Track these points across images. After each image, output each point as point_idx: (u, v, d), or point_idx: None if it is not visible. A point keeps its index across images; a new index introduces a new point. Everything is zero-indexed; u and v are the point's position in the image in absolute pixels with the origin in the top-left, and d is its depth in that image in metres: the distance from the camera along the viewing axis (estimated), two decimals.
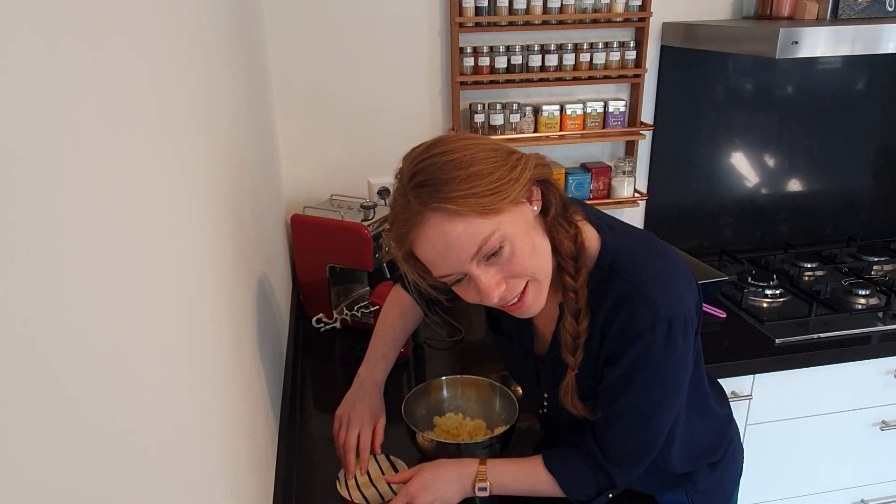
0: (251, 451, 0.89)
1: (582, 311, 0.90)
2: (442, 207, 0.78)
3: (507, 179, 0.80)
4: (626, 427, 0.95)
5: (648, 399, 0.92)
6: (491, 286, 0.83)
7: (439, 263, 0.83)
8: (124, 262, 0.46)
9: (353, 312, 1.63)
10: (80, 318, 0.38)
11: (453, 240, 0.80)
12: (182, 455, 0.57)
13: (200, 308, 0.68)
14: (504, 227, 0.80)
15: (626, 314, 0.87)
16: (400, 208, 0.83)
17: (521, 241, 0.82)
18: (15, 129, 0.32)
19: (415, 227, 0.81)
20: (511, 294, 0.86)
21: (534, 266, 0.85)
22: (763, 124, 2.04)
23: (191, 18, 0.77)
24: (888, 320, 1.68)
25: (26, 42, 0.34)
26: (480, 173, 0.79)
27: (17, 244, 0.32)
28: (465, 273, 0.83)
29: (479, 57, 1.76)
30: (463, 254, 0.81)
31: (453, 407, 1.28)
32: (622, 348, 0.88)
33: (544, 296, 0.89)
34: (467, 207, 0.78)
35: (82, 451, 0.38)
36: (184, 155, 0.67)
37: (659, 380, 0.91)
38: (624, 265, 0.89)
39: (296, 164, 1.84)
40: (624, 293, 0.87)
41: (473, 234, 0.79)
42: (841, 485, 1.81)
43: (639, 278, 0.88)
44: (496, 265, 0.83)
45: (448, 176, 0.79)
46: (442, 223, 0.79)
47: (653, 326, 0.85)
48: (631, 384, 0.90)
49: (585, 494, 1.00)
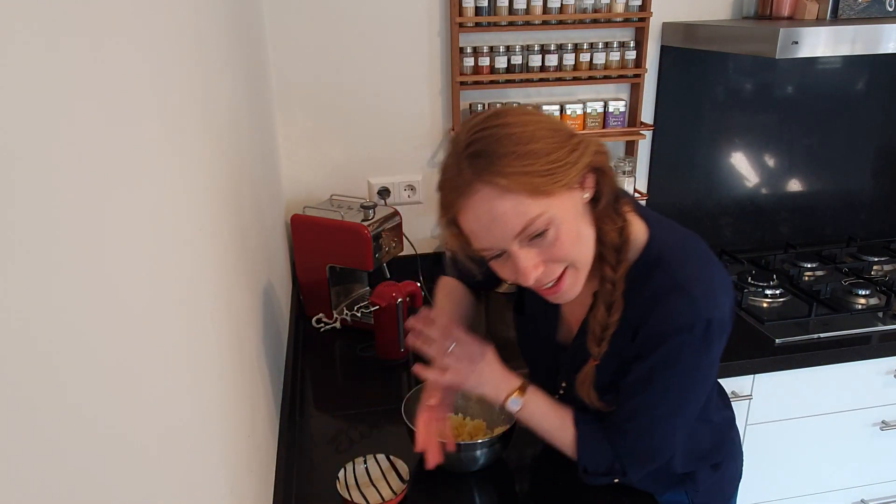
0: (251, 451, 0.89)
1: (615, 303, 0.89)
2: (493, 181, 0.77)
3: (563, 162, 0.78)
4: (645, 424, 0.94)
5: (672, 397, 0.91)
6: (529, 267, 0.82)
7: (481, 236, 0.82)
8: (124, 263, 0.46)
9: (353, 312, 1.63)
10: (79, 319, 0.38)
11: (499, 216, 0.78)
12: (182, 455, 0.57)
13: (200, 308, 0.68)
14: (552, 211, 0.79)
15: (665, 310, 0.86)
16: (451, 175, 0.82)
17: (567, 227, 0.81)
18: (15, 129, 0.32)
19: (463, 197, 0.80)
20: (547, 278, 0.85)
21: (575, 253, 0.84)
22: (763, 124, 2.04)
23: (191, 18, 0.77)
24: (888, 320, 1.68)
25: (26, 42, 0.34)
26: (538, 152, 0.77)
27: (17, 244, 0.32)
28: (506, 250, 0.83)
29: (479, 57, 1.76)
30: (507, 231, 0.80)
31: (453, 407, 1.28)
32: (656, 343, 0.87)
33: (581, 283, 0.88)
34: (519, 185, 0.76)
35: (82, 451, 0.38)
36: (184, 155, 0.67)
37: (687, 380, 0.90)
38: (669, 261, 0.88)
39: (296, 164, 1.84)
40: (666, 288, 0.86)
41: (520, 214, 0.78)
42: (841, 485, 1.81)
43: (683, 275, 0.86)
44: (538, 247, 0.82)
45: (505, 150, 0.77)
46: (491, 197, 0.78)
47: (692, 325, 0.84)
48: (657, 380, 0.90)
49: (594, 465, 0.98)
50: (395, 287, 1.53)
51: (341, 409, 1.40)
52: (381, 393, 1.46)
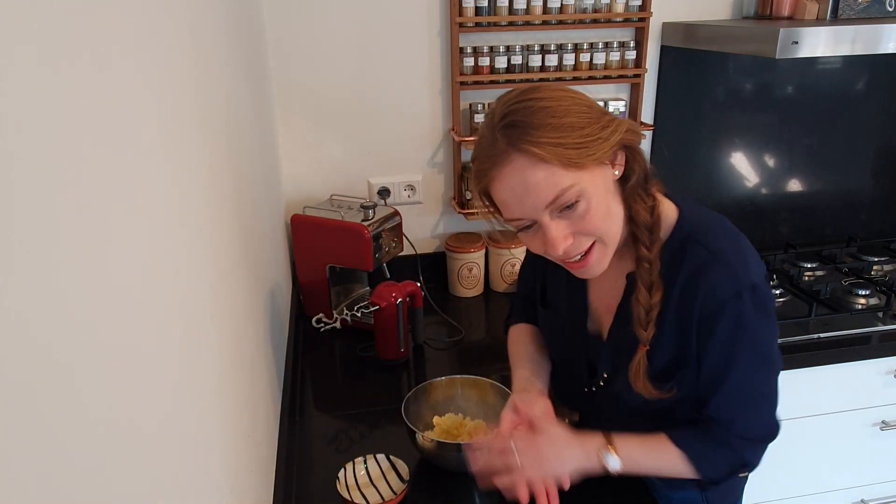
0: (251, 451, 0.89)
1: (655, 283, 0.89)
2: (528, 150, 0.79)
3: (596, 137, 0.81)
4: (746, 404, 0.93)
5: (757, 366, 0.91)
6: (558, 238, 0.84)
7: (513, 206, 0.84)
8: (124, 263, 0.46)
9: (353, 312, 1.63)
10: (79, 319, 0.38)
11: (532, 185, 0.80)
12: (182, 455, 0.57)
13: (200, 308, 0.68)
14: (583, 183, 0.81)
15: (708, 284, 0.87)
16: (486, 145, 0.84)
17: (598, 201, 0.83)
18: (14, 131, 0.32)
19: (497, 166, 0.82)
20: (576, 250, 0.86)
21: (604, 228, 0.86)
22: (763, 124, 2.04)
23: (190, 18, 0.77)
24: (888, 320, 1.68)
25: (26, 44, 0.34)
26: (572, 125, 0.80)
27: (17, 244, 0.32)
28: (536, 221, 0.84)
29: (479, 57, 1.76)
30: (539, 200, 0.81)
31: (453, 407, 1.28)
32: (712, 321, 0.87)
33: (608, 259, 0.89)
34: (553, 156, 0.79)
35: (82, 451, 0.38)
36: (183, 155, 0.67)
37: (760, 346, 0.90)
38: (700, 236, 0.90)
39: (296, 164, 1.84)
40: (702, 262, 0.88)
41: (553, 184, 0.80)
42: (841, 485, 1.81)
43: (716, 247, 0.88)
44: (568, 219, 0.84)
45: (540, 121, 0.79)
46: (525, 166, 0.80)
47: (738, 293, 0.86)
48: (734, 357, 0.89)
49: (717, 473, 0.96)
50: (395, 287, 1.53)
51: (341, 409, 1.40)
52: (381, 393, 1.46)
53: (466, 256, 1.87)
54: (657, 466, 0.97)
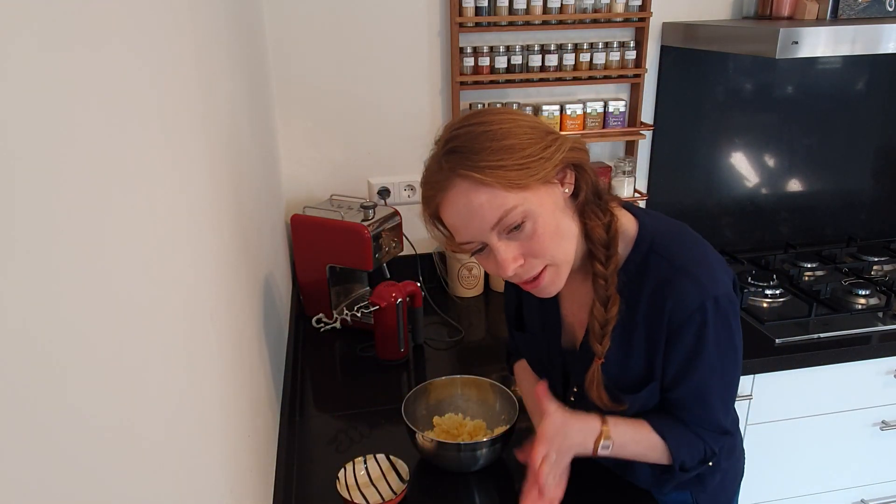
0: (251, 451, 0.89)
1: (611, 298, 0.91)
2: (469, 175, 0.80)
3: (538, 157, 0.81)
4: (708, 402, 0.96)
5: (718, 370, 0.93)
6: (507, 260, 0.85)
7: (461, 230, 0.85)
8: (124, 263, 0.46)
9: (353, 312, 1.63)
10: (79, 319, 0.38)
11: (476, 208, 0.82)
12: (182, 455, 0.57)
13: (200, 308, 0.68)
14: (528, 204, 0.82)
15: (673, 297, 0.88)
16: (431, 171, 0.86)
17: (545, 220, 0.84)
18: (15, 131, 0.32)
19: (442, 191, 0.84)
20: (527, 273, 0.87)
21: (553, 248, 0.86)
22: (763, 124, 2.04)
23: (190, 19, 0.77)
24: (888, 320, 1.68)
25: (26, 43, 0.34)
26: (512, 147, 0.81)
27: (17, 244, 0.32)
28: (486, 243, 0.85)
29: (479, 57, 1.76)
30: (484, 223, 0.82)
31: (453, 407, 1.28)
32: (677, 332, 0.90)
33: (562, 279, 0.90)
34: (494, 178, 0.80)
35: (82, 451, 0.38)
36: (183, 155, 0.67)
37: (722, 353, 0.92)
38: (663, 246, 0.91)
39: (296, 164, 1.84)
40: (665, 276, 0.89)
41: (496, 206, 0.81)
42: (841, 485, 1.81)
43: (679, 258, 0.90)
44: (516, 240, 0.85)
45: (480, 146, 0.81)
46: (467, 190, 0.81)
47: (703, 304, 0.87)
48: (696, 364, 0.92)
49: (691, 460, 0.98)
50: (395, 287, 1.53)
51: (341, 409, 1.40)
52: (381, 393, 1.46)
53: (466, 256, 1.87)
54: (640, 453, 0.99)
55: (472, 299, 1.92)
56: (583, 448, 0.96)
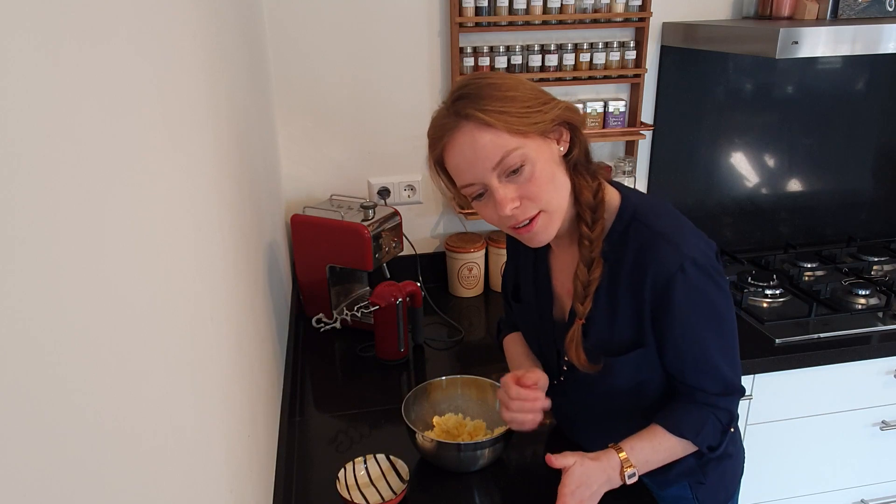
0: (251, 451, 0.89)
1: (595, 261, 0.96)
2: (475, 116, 0.88)
3: (537, 109, 0.90)
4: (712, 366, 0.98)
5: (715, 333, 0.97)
6: (506, 199, 0.90)
7: (464, 171, 0.91)
8: (124, 263, 0.46)
9: (353, 312, 1.63)
10: (79, 319, 0.38)
11: (479, 148, 0.88)
12: (182, 455, 0.57)
13: (200, 308, 0.68)
14: (528, 150, 0.89)
15: (654, 261, 0.93)
16: (439, 117, 0.93)
17: (542, 167, 0.90)
18: (16, 129, 0.32)
19: (448, 133, 0.91)
20: (523, 215, 0.92)
21: (549, 194, 0.92)
22: (763, 124, 2.04)
23: (191, 19, 0.77)
24: (888, 320, 1.68)
25: (28, 42, 0.34)
26: (515, 98, 0.89)
27: (17, 244, 0.32)
28: (486, 185, 0.91)
29: (479, 57, 1.76)
30: (486, 162, 0.89)
31: (453, 407, 1.28)
32: (664, 297, 0.94)
33: (554, 229, 0.95)
34: (498, 121, 0.87)
35: (82, 451, 0.38)
36: (184, 155, 0.67)
37: (714, 309, 0.96)
38: (644, 214, 0.97)
39: (296, 164, 1.84)
40: (646, 241, 0.94)
41: (499, 146, 0.88)
42: (841, 485, 1.81)
43: (658, 224, 0.96)
44: (515, 183, 0.90)
45: (487, 94, 0.89)
46: (472, 131, 0.88)
47: (682, 265, 0.92)
48: (693, 328, 0.95)
49: (715, 438, 1.01)
50: (395, 287, 1.53)
51: (341, 409, 1.40)
52: (381, 393, 1.46)
53: (466, 256, 1.87)
54: (664, 459, 1.01)
55: (472, 299, 1.92)
56: (610, 485, 0.98)
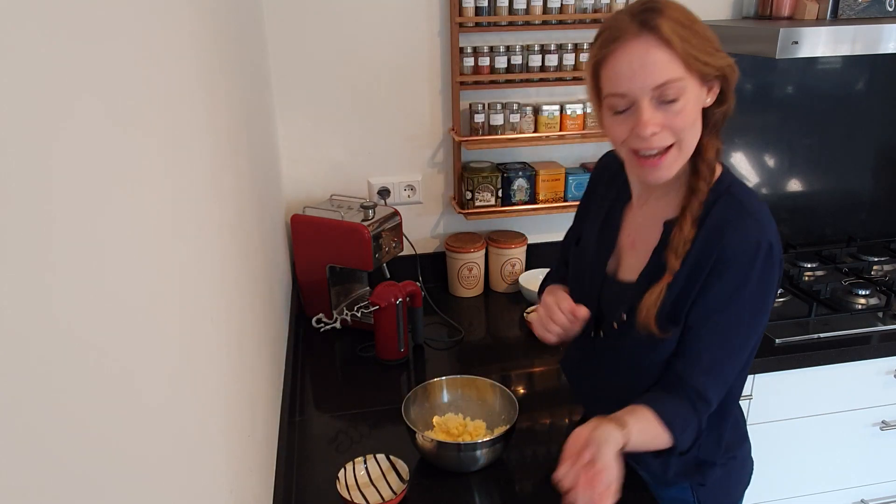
0: (251, 451, 0.89)
1: (697, 219, 0.97)
2: (661, 32, 0.87)
3: (712, 52, 0.90)
4: (720, 341, 0.97)
5: (747, 316, 0.96)
6: (650, 122, 0.90)
7: (624, 80, 0.89)
8: (123, 263, 0.46)
9: (353, 312, 1.63)
10: (79, 319, 0.38)
11: (651, 63, 0.87)
12: (182, 455, 0.57)
13: (200, 308, 0.68)
14: (688, 84, 0.89)
15: (735, 232, 0.94)
16: (617, 23, 0.90)
17: (692, 107, 0.91)
18: (14, 131, 0.32)
19: (623, 39, 0.89)
20: (658, 142, 0.92)
21: (687, 132, 0.92)
22: (763, 124, 2.04)
23: (190, 19, 0.77)
24: (888, 320, 1.68)
25: (26, 45, 0.34)
26: (698, 32, 0.90)
27: (16, 244, 0.32)
28: (635, 102, 0.90)
29: (479, 57, 1.76)
30: (650, 79, 0.88)
31: (453, 407, 1.28)
32: (729, 261, 0.94)
33: (678, 166, 0.95)
34: (678, 46, 0.87)
35: (82, 451, 0.38)
36: (184, 155, 0.67)
37: (757, 300, 0.96)
38: (739, 190, 0.98)
39: (296, 164, 1.84)
40: (733, 213, 0.95)
41: (669, 69, 0.88)
42: (841, 485, 1.81)
43: (749, 203, 0.97)
44: (663, 112, 0.90)
45: (676, 16, 0.89)
46: (650, 45, 0.87)
47: (759, 243, 0.93)
48: (734, 299, 0.95)
49: (688, 444, 1.00)
50: (395, 287, 1.53)
51: (341, 409, 1.40)
52: (381, 393, 1.46)
53: (466, 256, 1.87)
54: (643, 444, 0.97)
55: (472, 299, 1.92)
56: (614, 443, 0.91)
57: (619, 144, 0.96)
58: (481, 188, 1.82)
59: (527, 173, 1.85)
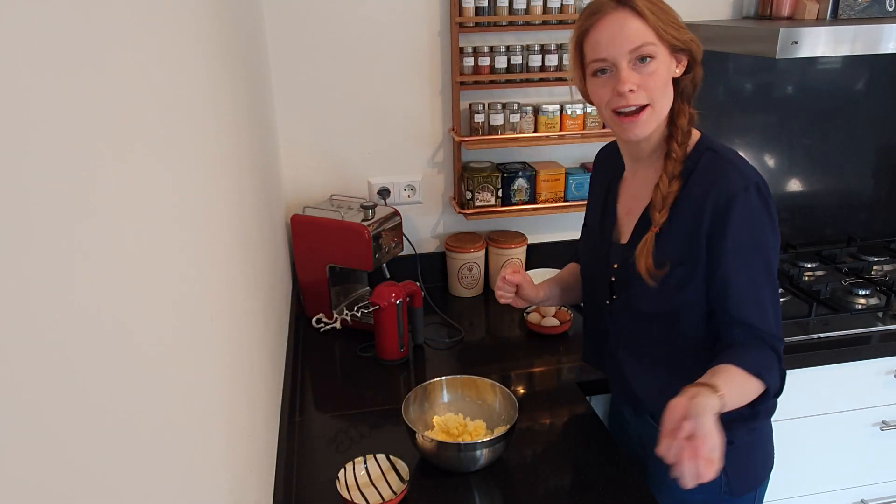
0: (251, 451, 0.89)
1: (675, 176, 1.08)
2: (635, 6, 1.02)
3: (679, 26, 1.06)
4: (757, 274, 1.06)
5: (764, 246, 1.06)
6: (628, 80, 1.03)
7: (603, 47, 1.04)
8: (123, 263, 0.46)
9: (353, 312, 1.63)
10: (78, 319, 0.38)
11: (626, 31, 1.02)
12: (182, 455, 0.57)
13: (200, 308, 0.68)
14: (659, 51, 1.03)
15: (720, 180, 1.04)
16: (596, 5, 1.06)
17: (662, 70, 1.05)
18: (18, 131, 0.32)
19: (604, 12, 1.04)
20: (634, 100, 1.04)
21: (660, 94, 1.05)
22: (763, 124, 2.04)
23: (191, 19, 0.77)
24: (888, 320, 1.68)
25: (27, 45, 0.34)
26: (668, 10, 1.05)
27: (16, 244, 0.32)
28: (615, 65, 1.03)
29: (479, 57, 1.76)
30: (626, 43, 1.02)
31: (453, 407, 1.28)
32: (724, 216, 1.03)
33: (653, 124, 1.07)
34: (650, 17, 1.02)
35: (83, 450, 0.38)
36: (184, 155, 0.67)
37: (766, 228, 1.05)
38: (718, 148, 1.10)
39: (296, 164, 1.84)
40: (716, 164, 1.07)
41: (642, 35, 1.02)
42: (841, 485, 1.81)
43: (728, 154, 1.09)
44: (639, 72, 1.03)
45: None
46: (626, 17, 1.02)
47: (746, 186, 1.03)
48: (746, 236, 1.04)
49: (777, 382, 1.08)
50: (395, 287, 1.53)
51: (341, 409, 1.40)
52: (381, 393, 1.46)
53: (466, 256, 1.87)
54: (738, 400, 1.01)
55: (472, 299, 1.92)
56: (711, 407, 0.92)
57: (603, 107, 1.08)
58: (481, 188, 1.82)
59: (527, 173, 1.85)
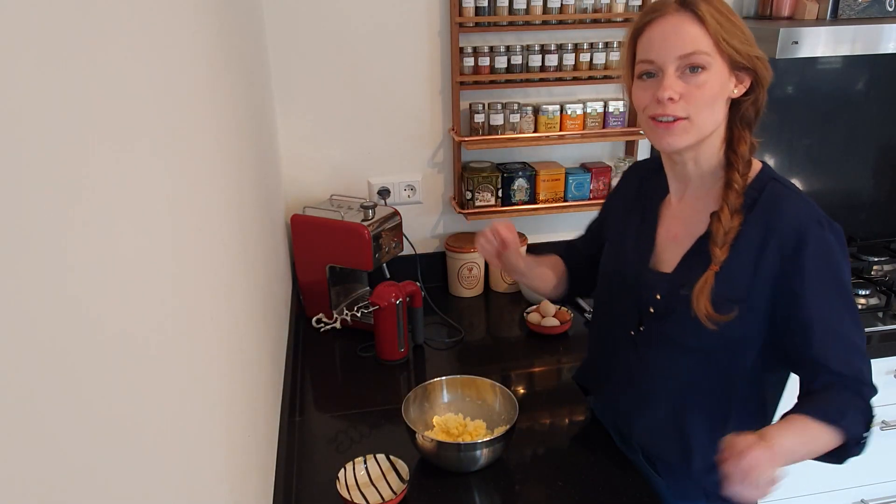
0: (251, 451, 0.89)
1: (737, 210, 1.00)
2: (698, 9, 0.95)
3: (744, 40, 0.96)
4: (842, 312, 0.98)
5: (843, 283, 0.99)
6: (670, 87, 0.96)
7: (654, 47, 0.98)
8: (123, 263, 0.46)
9: (353, 312, 1.63)
10: (78, 319, 0.38)
11: (682, 34, 0.96)
12: (182, 455, 0.57)
13: (200, 308, 0.68)
14: (714, 63, 0.96)
15: (787, 212, 0.99)
16: (659, 3, 0.99)
17: (713, 85, 0.96)
18: (18, 132, 0.32)
19: (664, 12, 0.97)
20: (674, 109, 0.97)
21: (704, 109, 0.97)
22: (763, 124, 2.02)
23: (191, 19, 0.77)
24: (888, 320, 1.68)
25: (27, 46, 0.34)
26: (735, 22, 0.97)
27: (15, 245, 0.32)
28: (662, 70, 0.97)
29: (479, 57, 1.76)
30: (678, 47, 0.95)
31: (453, 407, 1.28)
32: (798, 254, 0.97)
33: (688, 139, 0.99)
34: (711, 25, 0.94)
35: (83, 450, 0.38)
36: (184, 155, 0.67)
37: (842, 262, 0.99)
38: (781, 181, 1.04)
39: (296, 164, 1.84)
40: (780, 194, 1.01)
41: (697, 42, 0.95)
42: (841, 485, 1.81)
43: (794, 188, 1.03)
44: (685, 82, 0.97)
45: (719, 4, 0.97)
46: (685, 20, 0.96)
47: (818, 220, 0.99)
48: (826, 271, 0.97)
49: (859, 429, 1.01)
50: (395, 287, 1.53)
51: (341, 409, 1.40)
52: (381, 393, 1.46)
53: (466, 256, 1.87)
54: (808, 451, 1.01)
55: (472, 299, 1.92)
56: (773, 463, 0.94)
57: (641, 111, 1.02)
58: (481, 188, 1.82)
59: (527, 173, 1.85)
